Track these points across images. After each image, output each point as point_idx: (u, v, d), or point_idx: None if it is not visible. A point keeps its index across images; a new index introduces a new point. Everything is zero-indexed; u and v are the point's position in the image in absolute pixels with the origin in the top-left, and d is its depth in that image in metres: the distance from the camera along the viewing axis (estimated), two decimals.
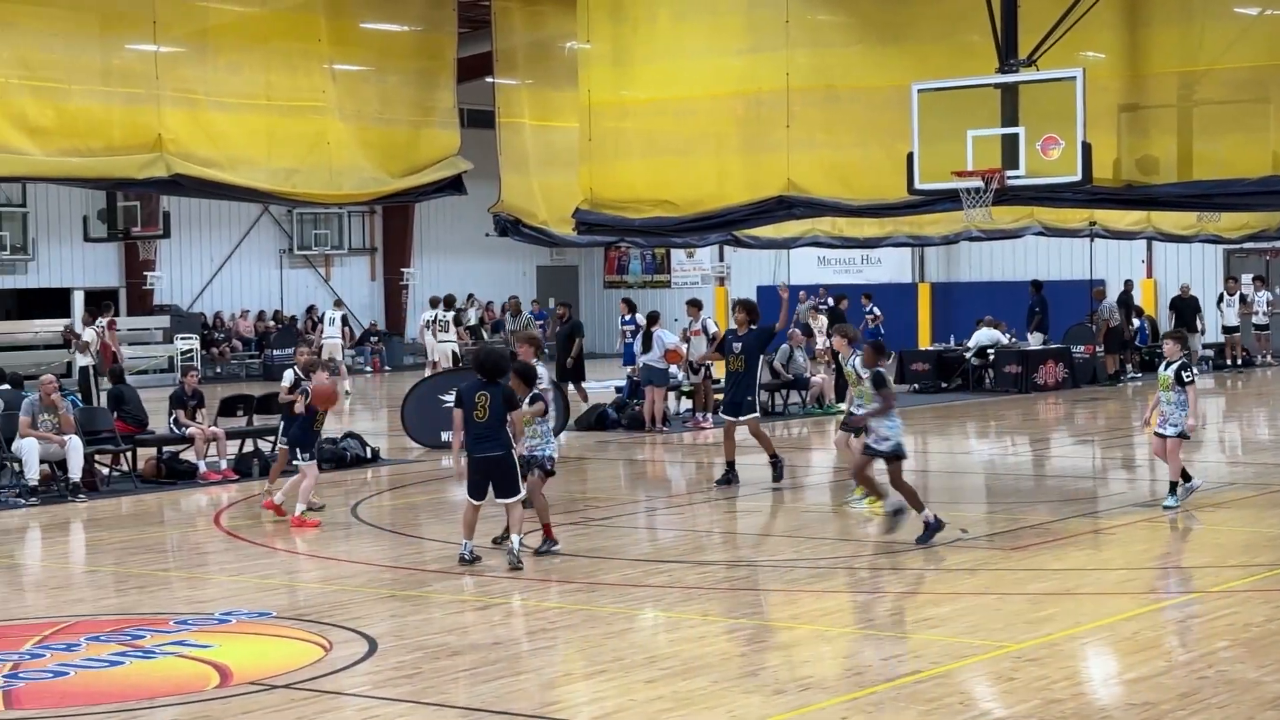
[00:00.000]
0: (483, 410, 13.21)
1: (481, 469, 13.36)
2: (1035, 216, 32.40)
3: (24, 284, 41.56)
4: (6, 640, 11.09)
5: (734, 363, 18.58)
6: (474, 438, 13.34)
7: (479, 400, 13.24)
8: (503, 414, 13.25)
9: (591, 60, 21.48)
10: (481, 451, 13.32)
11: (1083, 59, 17.32)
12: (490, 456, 13.29)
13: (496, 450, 13.28)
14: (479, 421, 13.25)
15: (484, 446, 13.30)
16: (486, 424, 13.23)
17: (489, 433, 13.26)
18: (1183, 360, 16.24)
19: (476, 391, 13.30)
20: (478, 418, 13.24)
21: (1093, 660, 10.42)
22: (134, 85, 19.74)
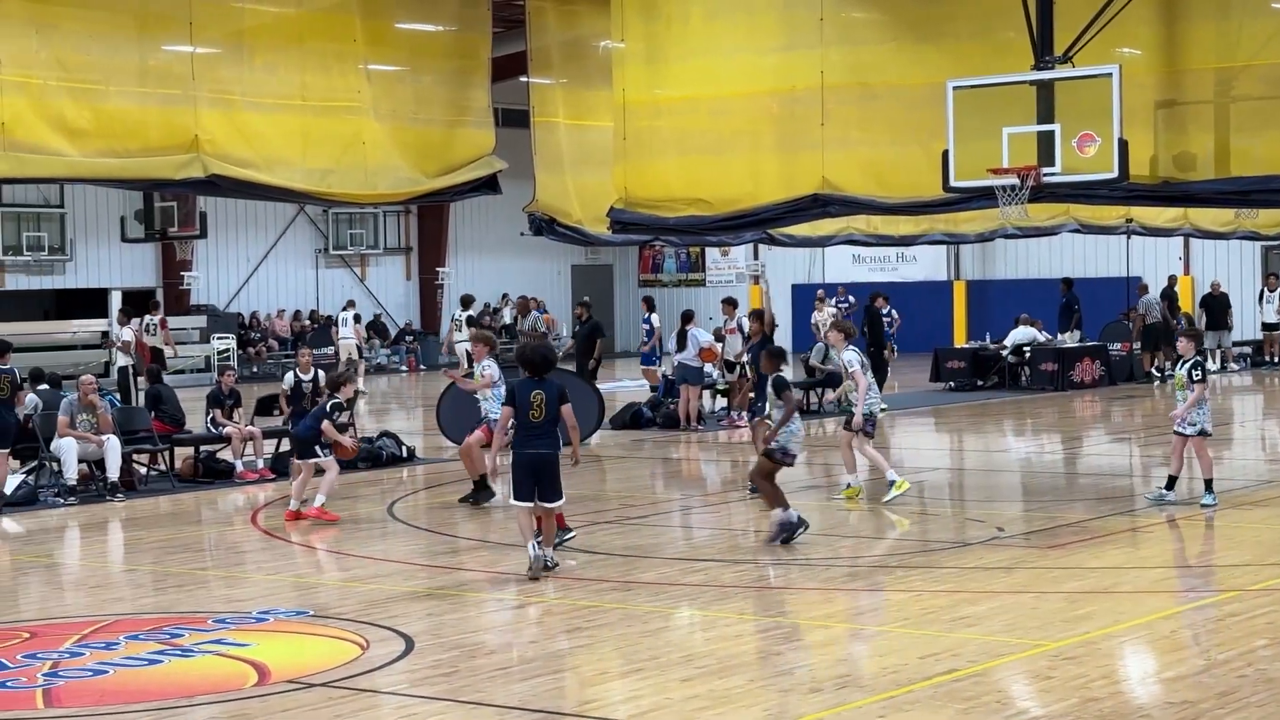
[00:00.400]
0: (538, 410, 12.90)
1: (531, 468, 12.94)
2: (1071, 214, 32.27)
3: (62, 284, 41.78)
4: (46, 639, 11.16)
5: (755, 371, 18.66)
6: (526, 435, 12.97)
7: (534, 399, 12.92)
8: (556, 412, 13.00)
9: (626, 59, 21.48)
10: (532, 448, 12.93)
11: (1119, 55, 17.25)
12: (541, 454, 12.95)
13: (547, 449, 13.00)
14: (534, 420, 12.94)
15: (536, 444, 12.93)
16: (541, 423, 12.94)
17: (542, 431, 12.97)
18: (1195, 359, 16.26)
19: (531, 390, 12.98)
20: (533, 417, 12.92)
21: (1130, 659, 10.38)
22: (170, 86, 19.83)
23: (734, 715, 8.91)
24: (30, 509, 17.91)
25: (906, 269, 47.80)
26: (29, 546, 16.01)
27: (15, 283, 40.88)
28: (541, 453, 12.96)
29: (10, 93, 18.28)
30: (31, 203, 40.46)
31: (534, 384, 13.03)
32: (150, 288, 42.82)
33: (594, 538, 15.28)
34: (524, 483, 12.99)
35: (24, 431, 18.89)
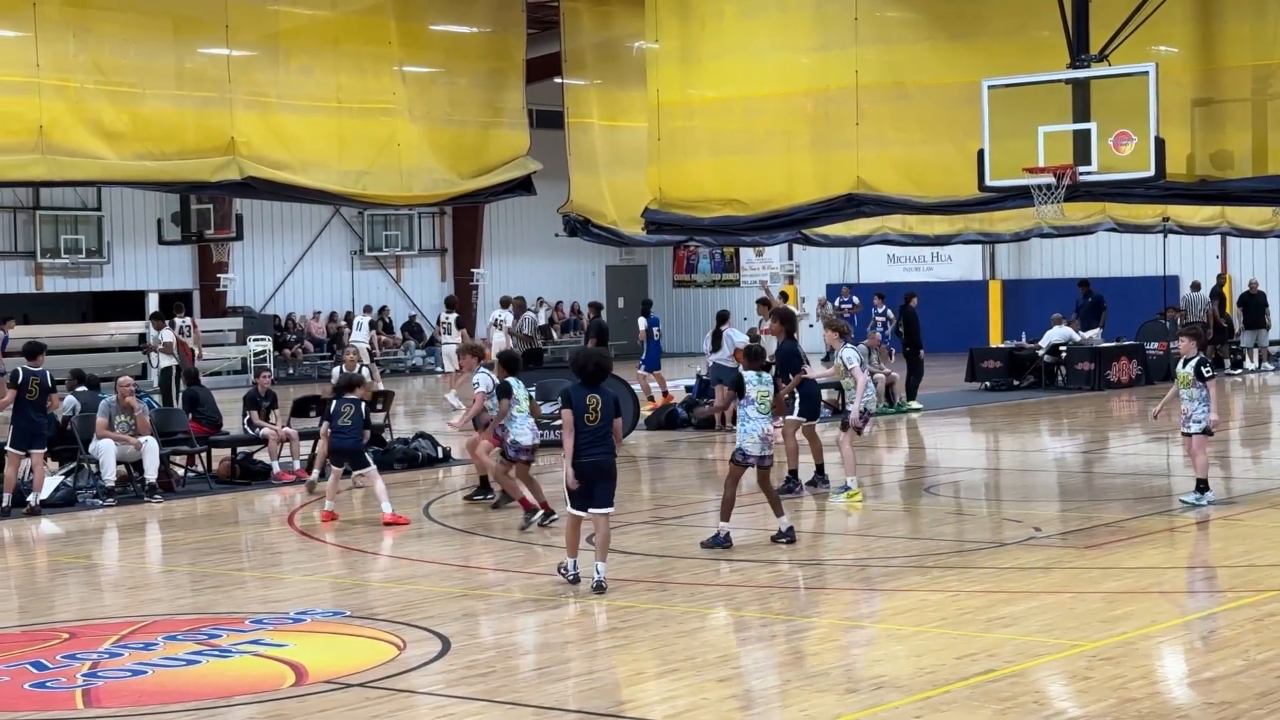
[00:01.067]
0: (594, 414, 12.48)
1: (591, 475, 12.48)
2: (1107, 212, 32.14)
3: (99, 287, 42.01)
4: (85, 639, 11.23)
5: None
6: (587, 441, 12.48)
7: (590, 403, 12.53)
8: (612, 417, 12.64)
9: (660, 59, 21.48)
10: (593, 456, 12.48)
11: (1155, 53, 17.17)
12: (602, 461, 12.52)
13: (608, 455, 12.58)
14: (590, 425, 12.49)
15: (596, 451, 12.49)
16: (597, 427, 12.48)
17: (600, 437, 12.53)
18: (1200, 356, 16.22)
19: (587, 394, 12.56)
20: (589, 421, 12.49)
21: (1169, 659, 10.33)
22: (207, 89, 19.92)
23: (770, 716, 8.91)
24: (69, 510, 18.02)
25: (941, 269, 47.68)
26: (68, 548, 16.10)
27: (53, 285, 41.12)
28: (603, 459, 12.52)
29: (48, 96, 18.40)
30: (69, 205, 40.70)
31: (588, 389, 12.63)
32: (187, 290, 43.04)
33: (629, 538, 15.28)
34: (586, 491, 12.50)
35: (62, 433, 19.00)
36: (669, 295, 52.78)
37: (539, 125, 24.12)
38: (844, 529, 16.16)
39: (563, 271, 50.05)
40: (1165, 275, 42.57)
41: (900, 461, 22.83)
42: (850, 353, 17.54)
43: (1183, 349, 16.47)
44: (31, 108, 18.32)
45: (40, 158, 18.38)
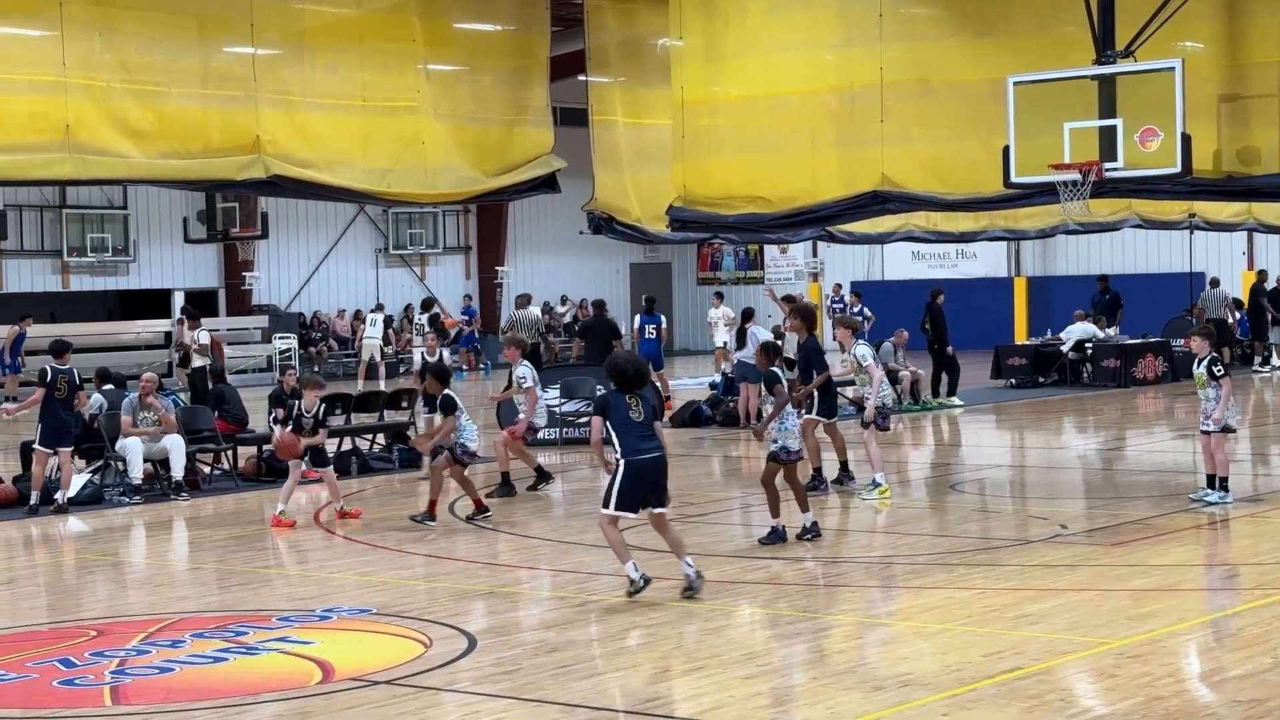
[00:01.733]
0: (638, 410, 12.12)
1: (649, 472, 12.08)
2: (1133, 209, 32.05)
3: (125, 285, 42.14)
4: (113, 637, 11.27)
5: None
6: (637, 437, 12.04)
7: (631, 401, 12.15)
8: (653, 419, 12.27)
9: (684, 57, 21.47)
10: (648, 452, 12.06)
11: (1181, 49, 17.11)
12: (657, 458, 12.11)
13: (660, 451, 12.18)
14: (635, 420, 12.06)
15: (649, 446, 12.09)
16: (644, 422, 12.08)
17: (649, 431, 12.14)
18: (1212, 355, 16.12)
19: (626, 394, 12.20)
20: (634, 417, 12.07)
21: (1196, 657, 10.30)
22: (232, 87, 19.97)
23: (796, 713, 8.90)
24: (96, 508, 18.08)
25: (966, 265, 47.59)
26: (95, 545, 16.16)
27: (79, 284, 41.27)
28: (657, 455, 12.12)
29: (74, 95, 18.46)
30: (95, 204, 40.84)
31: (627, 394, 12.25)
32: (213, 288, 43.19)
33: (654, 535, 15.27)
34: (633, 492, 12.06)
35: (89, 431, 19.07)
36: (693, 293, 52.75)
37: (563, 123, 24.13)
38: (869, 526, 16.14)
39: (587, 269, 50.06)
40: (1191, 272, 42.40)
41: (925, 458, 22.79)
42: (863, 349, 17.53)
43: (1194, 348, 16.37)
44: (58, 107, 18.38)
45: (66, 156, 18.44)
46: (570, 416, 23.77)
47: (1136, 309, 39.63)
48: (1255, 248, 43.90)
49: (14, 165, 18.44)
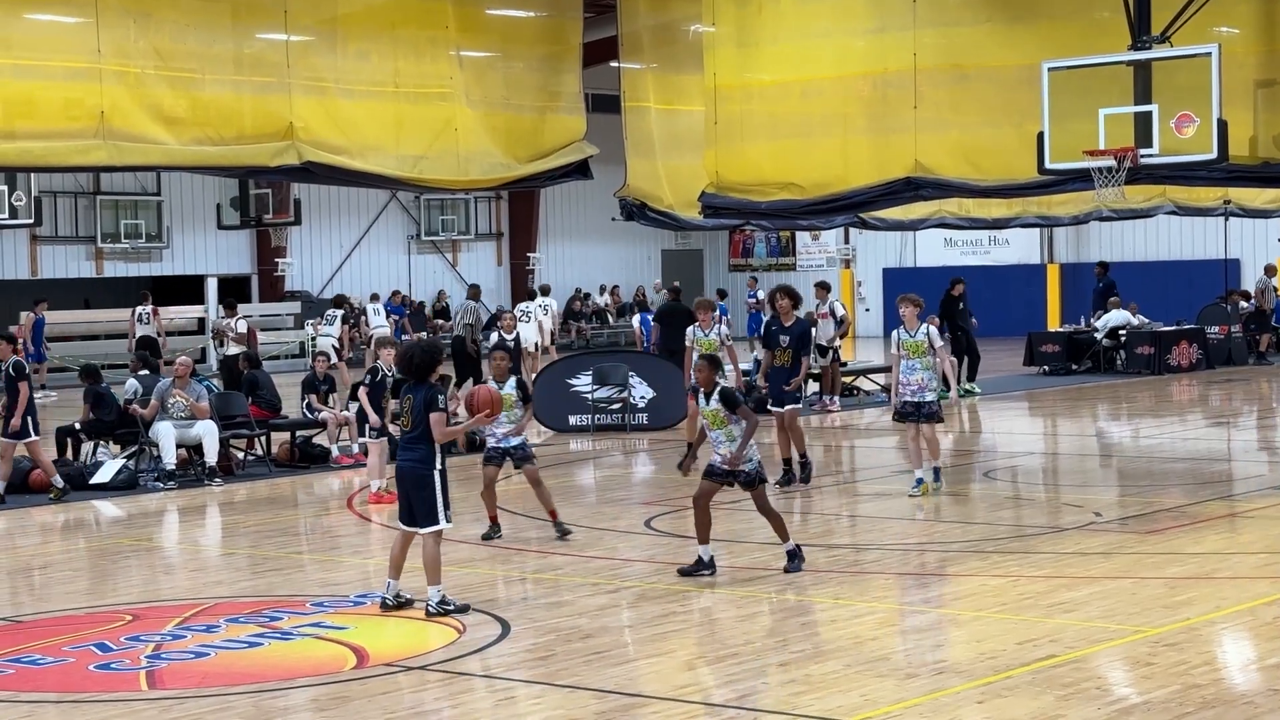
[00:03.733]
0: (406, 416, 11.48)
1: (401, 482, 11.56)
2: (1167, 195, 31.92)
3: (159, 271, 42.28)
4: (149, 621, 11.31)
5: (781, 356, 17.29)
6: (400, 444, 11.71)
7: (405, 401, 11.62)
8: (420, 416, 11.50)
9: (716, 43, 21.43)
10: (401, 460, 11.54)
11: (1217, 34, 17.02)
12: (400, 466, 11.53)
13: (407, 462, 11.47)
14: (403, 429, 11.59)
15: (403, 455, 11.55)
16: (409, 429, 11.49)
17: (411, 436, 11.52)
18: None
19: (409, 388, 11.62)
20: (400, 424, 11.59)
21: (1233, 645, 10.25)
22: (265, 74, 20.01)
23: (830, 700, 8.89)
24: (130, 493, 18.15)
25: (999, 252, 47.43)
26: (130, 530, 16.22)
27: (113, 270, 41.43)
28: (401, 464, 11.53)
29: (109, 82, 18.53)
30: (129, 190, 40.99)
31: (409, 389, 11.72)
32: (246, 274, 43.31)
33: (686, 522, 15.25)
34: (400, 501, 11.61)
35: (124, 417, 19.15)
36: (725, 279, 52.69)
37: (595, 109, 24.10)
38: (903, 514, 16.09)
39: (619, 256, 50.05)
40: (1226, 259, 42.18)
41: (959, 446, 22.73)
42: (934, 330, 16.66)
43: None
44: (93, 93, 18.45)
45: (101, 143, 18.51)
46: (603, 403, 23.78)
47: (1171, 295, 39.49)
48: None
49: (49, 152, 18.51)
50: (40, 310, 34.07)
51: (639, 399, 23.67)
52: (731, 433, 12.55)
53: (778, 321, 17.50)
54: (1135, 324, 33.54)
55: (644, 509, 16.32)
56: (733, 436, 12.56)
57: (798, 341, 17.35)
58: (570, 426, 23.66)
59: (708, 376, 12.63)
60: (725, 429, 12.56)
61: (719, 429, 12.59)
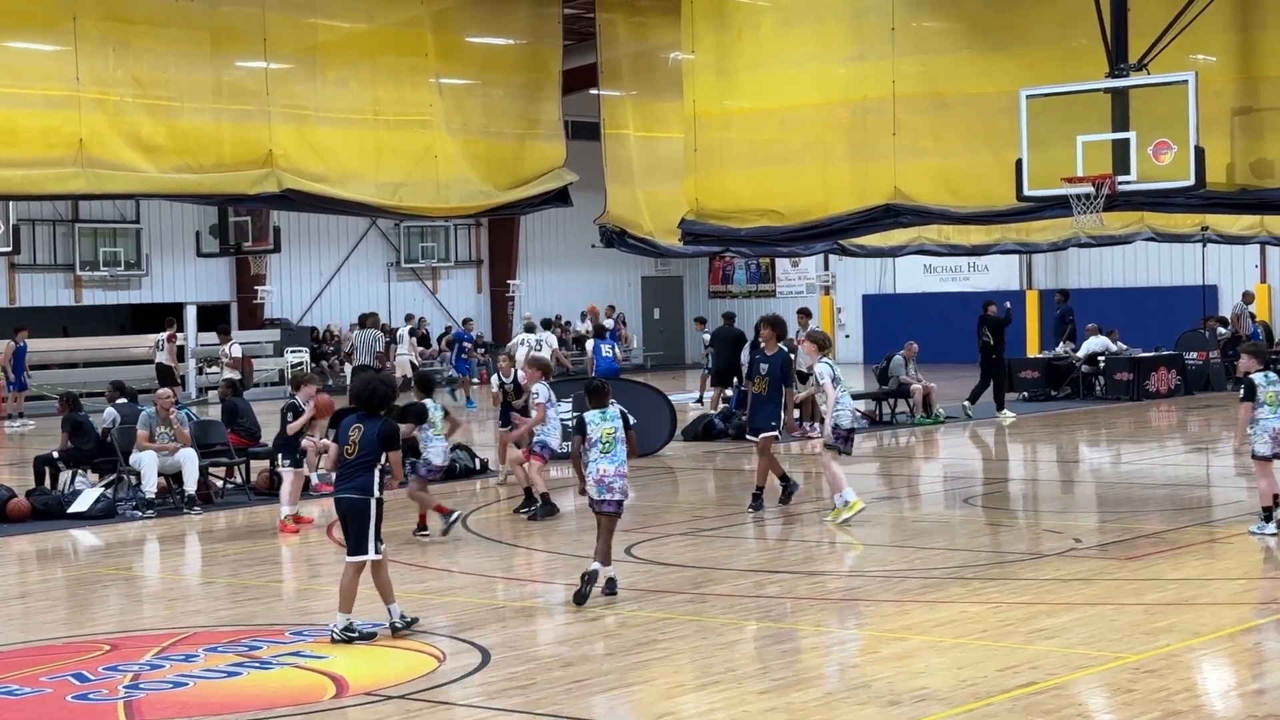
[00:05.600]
0: (353, 444, 11.45)
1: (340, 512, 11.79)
2: (1145, 222, 32.04)
3: (138, 299, 42.22)
4: (127, 651, 11.26)
5: (759, 384, 17.53)
6: (340, 474, 11.66)
7: (353, 431, 11.51)
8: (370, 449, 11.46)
9: (696, 70, 21.50)
10: (341, 491, 11.63)
11: (1194, 62, 17.10)
12: (341, 499, 11.63)
13: (346, 494, 11.56)
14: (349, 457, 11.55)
15: (342, 486, 11.59)
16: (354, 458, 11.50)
17: (351, 468, 11.51)
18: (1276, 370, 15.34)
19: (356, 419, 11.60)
20: (347, 453, 11.50)
21: (1213, 672, 10.26)
22: (245, 102, 20.02)
23: None
24: (109, 522, 18.08)
25: (978, 278, 47.54)
26: (108, 559, 16.16)
27: (92, 297, 41.35)
28: (341, 497, 11.63)
29: (88, 110, 18.53)
30: (108, 218, 40.94)
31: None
32: (225, 302, 43.24)
33: (666, 549, 15.28)
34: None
35: (102, 445, 19.09)
36: (704, 306, 52.74)
37: (575, 137, 24.16)
38: (883, 540, 16.09)
39: (598, 282, 50.08)
40: (1204, 284, 42.34)
41: (938, 472, 22.76)
42: (822, 366, 16.69)
43: (1245, 366, 15.12)
44: (71, 121, 18.44)
45: (80, 171, 18.50)
46: None
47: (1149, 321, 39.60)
48: (1268, 261, 43.82)
49: (27, 180, 18.49)
50: (21, 339, 33.97)
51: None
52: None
53: (760, 350, 17.68)
54: (1114, 350, 33.64)
55: (624, 536, 16.28)
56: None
57: (778, 370, 17.45)
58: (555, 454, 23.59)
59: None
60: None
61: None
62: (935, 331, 42.14)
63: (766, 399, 17.49)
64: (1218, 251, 41.99)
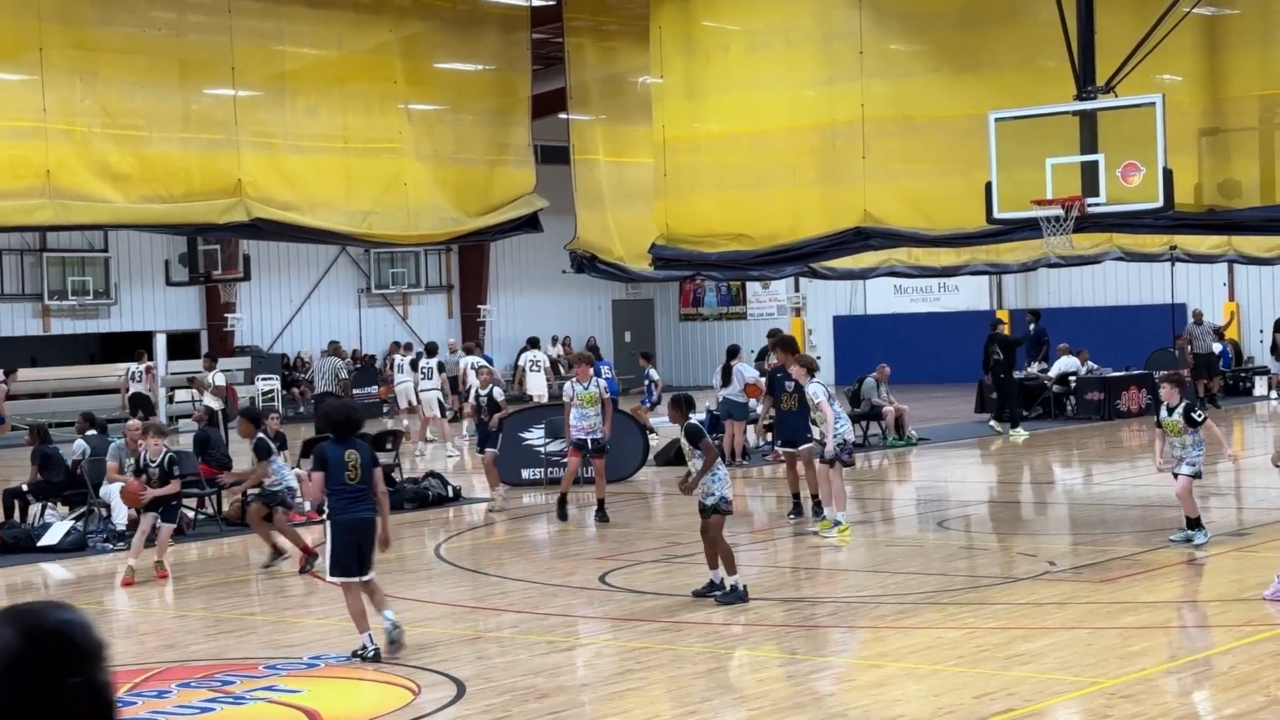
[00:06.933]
0: (354, 470, 11.77)
1: (357, 533, 11.93)
2: (1114, 242, 32.10)
3: (107, 328, 42.05)
4: None
5: (788, 400, 18.62)
6: (347, 498, 11.89)
7: (349, 457, 11.82)
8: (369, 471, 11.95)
9: (665, 94, 21.49)
10: (357, 512, 11.87)
11: (1161, 83, 17.15)
12: (364, 519, 11.91)
13: (370, 512, 11.93)
14: (351, 482, 11.86)
15: (358, 507, 11.88)
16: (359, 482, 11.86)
17: (362, 489, 11.91)
18: (1186, 402, 15.88)
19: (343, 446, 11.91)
20: (349, 478, 11.80)
21: (1189, 696, 10.25)
22: (213, 131, 19.93)
23: None
24: (79, 555, 17.95)
25: (949, 299, 47.67)
26: (79, 593, 16.02)
27: (61, 327, 41.15)
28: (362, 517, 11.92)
29: (55, 140, 18.41)
30: (76, 247, 40.77)
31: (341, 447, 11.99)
32: (195, 330, 43.09)
33: (641, 577, 15.23)
34: (347, 554, 11.89)
35: (72, 478, 18.97)
36: (675, 329, 52.79)
37: (544, 160, 24.12)
38: (857, 565, 16.08)
39: (569, 306, 50.07)
40: (1174, 303, 42.52)
41: (910, 495, 22.76)
42: (815, 387, 17.44)
43: (1166, 396, 15.95)
44: (38, 152, 18.32)
45: (47, 202, 18.37)
46: (556, 456, 23.70)
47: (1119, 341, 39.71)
48: (1235, 279, 44.03)
49: None
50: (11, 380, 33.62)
51: None
52: (696, 465, 13.49)
53: (781, 369, 18.80)
54: (1084, 370, 33.72)
55: (598, 564, 16.25)
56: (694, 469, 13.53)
57: (802, 387, 18.30)
58: (523, 480, 23.58)
59: (678, 415, 13.89)
60: (690, 461, 13.60)
61: (687, 461, 13.71)
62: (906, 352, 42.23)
63: (797, 413, 18.44)
64: (1186, 271, 42.16)
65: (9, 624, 3.01)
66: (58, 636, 3.02)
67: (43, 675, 2.97)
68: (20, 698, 2.95)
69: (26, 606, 3.08)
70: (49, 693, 2.97)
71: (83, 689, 3.00)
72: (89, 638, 3.07)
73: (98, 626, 3.11)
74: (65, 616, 3.06)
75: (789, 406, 18.65)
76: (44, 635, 3.01)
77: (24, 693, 2.96)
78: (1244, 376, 39.36)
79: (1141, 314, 43.86)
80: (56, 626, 3.03)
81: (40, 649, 2.99)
